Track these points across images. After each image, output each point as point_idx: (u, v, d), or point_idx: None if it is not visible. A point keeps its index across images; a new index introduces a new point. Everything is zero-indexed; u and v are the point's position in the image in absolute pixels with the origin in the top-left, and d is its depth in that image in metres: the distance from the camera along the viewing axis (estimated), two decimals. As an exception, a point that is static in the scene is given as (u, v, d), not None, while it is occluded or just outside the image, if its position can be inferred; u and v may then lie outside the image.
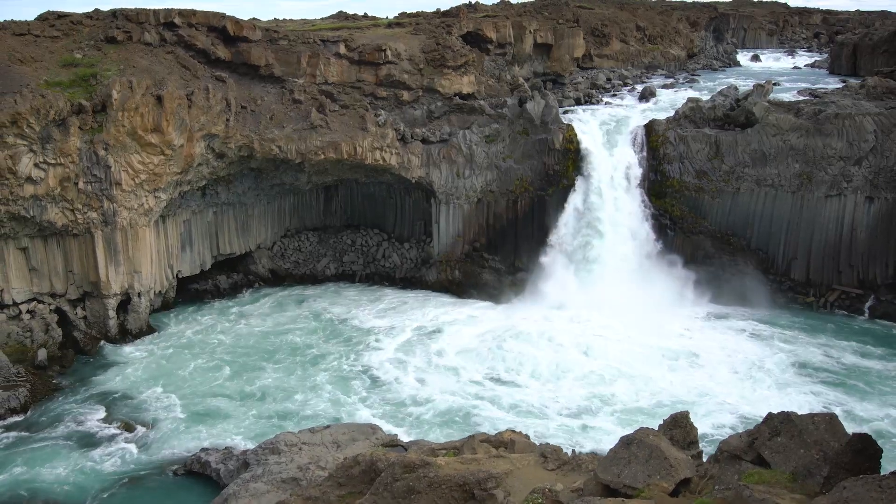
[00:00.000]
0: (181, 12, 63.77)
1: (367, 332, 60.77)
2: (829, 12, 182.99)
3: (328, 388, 52.03)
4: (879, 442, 12.08)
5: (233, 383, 52.50)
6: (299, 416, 48.19)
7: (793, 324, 61.89)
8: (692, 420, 17.37)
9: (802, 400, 49.22)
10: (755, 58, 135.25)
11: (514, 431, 24.82)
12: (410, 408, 49.46)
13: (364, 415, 47.87)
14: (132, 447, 44.59)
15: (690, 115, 68.40)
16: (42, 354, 54.23)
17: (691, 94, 79.50)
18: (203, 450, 42.92)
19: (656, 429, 16.70)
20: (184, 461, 42.66)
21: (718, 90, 72.71)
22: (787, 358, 55.78)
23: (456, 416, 48.13)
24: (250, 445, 42.36)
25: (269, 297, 68.68)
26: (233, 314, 64.89)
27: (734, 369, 54.13)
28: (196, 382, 52.74)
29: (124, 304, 60.06)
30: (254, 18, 76.41)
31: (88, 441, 45.22)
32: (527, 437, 23.96)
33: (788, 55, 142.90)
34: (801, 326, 61.42)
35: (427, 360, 56.02)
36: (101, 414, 48.43)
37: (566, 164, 68.34)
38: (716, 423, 46.25)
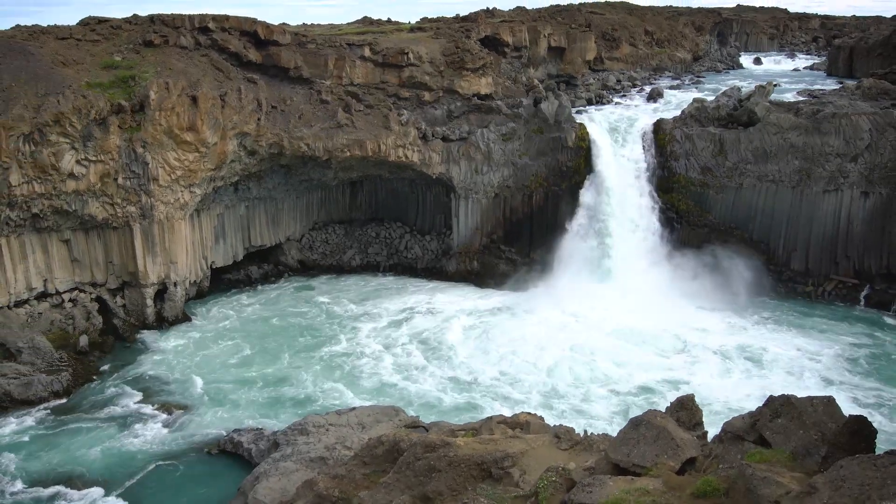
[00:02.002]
0: (215, 17, 63.91)
1: (382, 324, 60.65)
2: (827, 17, 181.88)
3: (349, 375, 52.19)
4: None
5: (262, 369, 52.68)
6: (322, 400, 48.36)
7: (813, 315, 60.90)
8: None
9: (860, 397, 47.18)
10: (757, 60, 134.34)
11: (529, 413, 24.84)
12: (417, 398, 49.10)
13: (385, 400, 47.79)
14: (168, 428, 44.89)
15: (696, 114, 68.15)
16: (84, 341, 54.66)
17: (697, 94, 79.10)
18: (235, 430, 43.08)
19: (664, 411, 16.73)
20: (217, 441, 42.85)
21: (722, 91, 72.24)
22: (829, 351, 54.22)
23: (467, 411, 47.00)
24: (279, 427, 42.50)
25: (298, 287, 68.83)
26: (263, 303, 65.05)
27: (777, 367, 52.21)
28: (228, 367, 53.00)
29: (161, 294, 60.40)
30: (283, 23, 76.51)
31: (127, 423, 45.51)
32: (541, 418, 23.98)
33: (788, 58, 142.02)
34: (819, 317, 60.58)
35: (438, 353, 55.46)
36: (139, 397, 48.76)
37: (579, 160, 68.24)
38: None
